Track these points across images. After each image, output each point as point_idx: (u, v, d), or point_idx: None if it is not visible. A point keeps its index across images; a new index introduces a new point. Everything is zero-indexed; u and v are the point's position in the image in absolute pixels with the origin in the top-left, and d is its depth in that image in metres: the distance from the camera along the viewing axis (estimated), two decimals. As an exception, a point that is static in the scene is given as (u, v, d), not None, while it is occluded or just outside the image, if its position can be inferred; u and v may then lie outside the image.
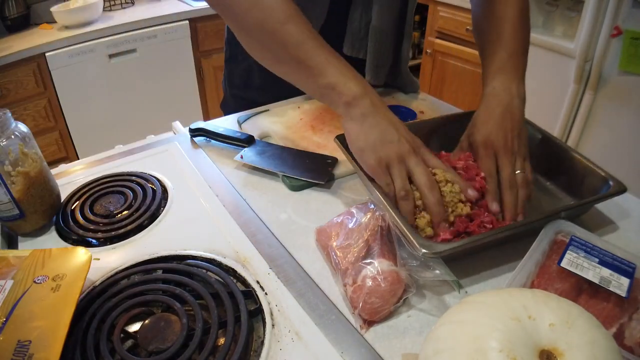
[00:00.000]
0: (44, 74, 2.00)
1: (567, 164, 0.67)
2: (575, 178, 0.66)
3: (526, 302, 0.37)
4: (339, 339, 0.48)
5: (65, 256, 0.51)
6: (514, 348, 0.33)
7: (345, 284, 0.52)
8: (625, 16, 1.46)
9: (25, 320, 0.44)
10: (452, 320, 0.38)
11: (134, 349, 0.47)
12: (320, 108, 0.88)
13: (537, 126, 0.73)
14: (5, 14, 2.08)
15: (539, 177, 0.70)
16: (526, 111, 0.67)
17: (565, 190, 0.68)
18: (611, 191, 0.59)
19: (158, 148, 0.81)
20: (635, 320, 0.46)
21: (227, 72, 1.03)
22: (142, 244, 0.61)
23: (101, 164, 0.78)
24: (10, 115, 0.59)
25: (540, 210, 0.64)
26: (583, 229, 0.55)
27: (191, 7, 2.28)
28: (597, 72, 1.58)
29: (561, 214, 0.57)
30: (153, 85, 2.30)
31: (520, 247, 0.55)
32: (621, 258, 0.50)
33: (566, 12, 1.69)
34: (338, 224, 0.57)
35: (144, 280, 0.53)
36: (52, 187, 0.65)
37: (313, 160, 0.74)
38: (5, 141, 0.57)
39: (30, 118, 2.03)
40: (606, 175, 0.61)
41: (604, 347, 0.34)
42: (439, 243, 0.51)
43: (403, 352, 0.47)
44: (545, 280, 0.50)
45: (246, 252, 0.58)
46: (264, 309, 0.50)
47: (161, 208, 0.67)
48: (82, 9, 2.07)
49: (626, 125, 1.58)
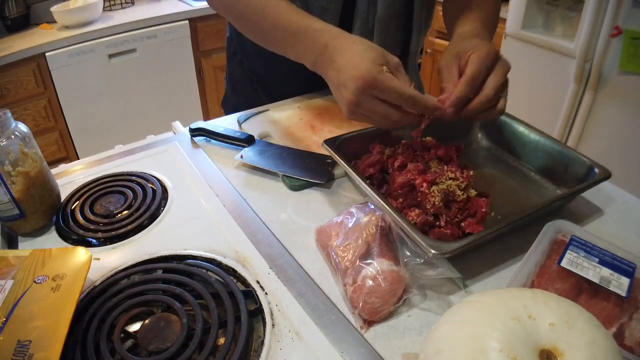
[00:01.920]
0: (44, 74, 2.00)
1: (549, 154, 0.69)
2: (559, 167, 0.68)
3: (526, 301, 0.37)
4: (339, 338, 0.48)
5: (65, 256, 0.51)
6: (514, 348, 0.33)
7: (345, 284, 0.52)
8: (625, 16, 1.46)
9: (26, 320, 0.44)
10: (452, 320, 0.38)
11: (134, 348, 0.47)
12: (320, 108, 0.88)
13: (517, 117, 0.75)
14: (5, 13, 2.09)
15: (523, 167, 0.73)
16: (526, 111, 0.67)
17: (550, 180, 0.69)
18: (598, 177, 0.61)
19: (158, 148, 0.81)
20: (635, 320, 0.46)
21: (229, 70, 1.03)
22: (142, 243, 0.61)
23: (101, 164, 0.78)
24: (10, 115, 0.59)
25: (529, 201, 0.66)
26: (583, 229, 0.55)
27: (191, 7, 2.28)
28: (597, 72, 1.58)
29: (556, 203, 0.59)
30: (153, 85, 2.30)
31: (520, 246, 0.55)
32: (621, 258, 0.50)
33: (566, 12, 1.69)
34: (338, 224, 0.57)
35: (144, 280, 0.53)
36: (52, 187, 0.65)
37: (313, 160, 0.74)
38: (5, 141, 0.57)
39: (30, 118, 2.03)
40: (590, 162, 0.63)
41: (604, 347, 0.34)
42: (447, 243, 0.51)
43: (403, 351, 0.47)
44: (545, 280, 0.50)
45: (246, 252, 0.58)
46: (264, 309, 0.50)
47: (161, 208, 0.67)
48: (82, 8, 2.07)
49: (626, 125, 1.58)
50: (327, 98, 0.92)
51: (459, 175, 0.61)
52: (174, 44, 2.28)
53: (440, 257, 0.50)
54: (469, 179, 0.61)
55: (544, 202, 0.58)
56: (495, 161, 0.76)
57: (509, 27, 1.82)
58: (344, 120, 0.84)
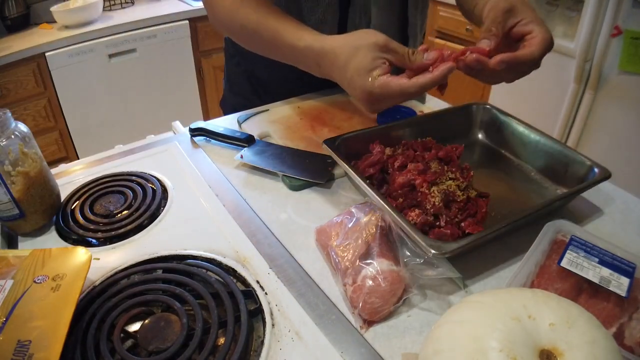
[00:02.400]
0: (44, 74, 2.00)
1: (550, 154, 0.69)
2: (559, 167, 0.68)
3: (526, 301, 0.37)
4: (339, 338, 0.48)
5: (65, 256, 0.51)
6: (514, 348, 0.33)
7: (345, 283, 0.52)
8: (625, 16, 1.46)
9: (25, 320, 0.44)
10: (452, 320, 0.38)
11: (134, 348, 0.47)
12: (320, 108, 0.88)
13: (517, 117, 0.75)
14: (5, 13, 2.08)
15: (523, 167, 0.73)
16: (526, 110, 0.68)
17: (550, 180, 0.69)
18: (598, 177, 0.61)
19: (158, 148, 0.81)
20: (635, 320, 0.46)
21: (227, 71, 1.03)
22: (142, 243, 0.61)
23: (101, 163, 0.78)
24: (10, 115, 0.59)
25: (529, 201, 0.67)
26: (583, 229, 0.55)
27: (191, 7, 2.28)
28: (597, 71, 1.58)
29: (556, 203, 0.60)
30: (153, 85, 2.30)
31: (520, 246, 0.55)
32: (621, 258, 0.50)
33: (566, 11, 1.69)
34: (338, 224, 0.57)
35: (144, 280, 0.53)
36: (52, 187, 0.65)
37: (313, 160, 0.73)
38: (5, 141, 0.57)
39: (30, 118, 2.03)
40: (590, 162, 0.63)
41: (604, 346, 0.34)
42: (447, 243, 0.51)
43: (403, 351, 0.47)
44: (545, 280, 0.50)
45: (246, 252, 0.58)
46: (264, 309, 0.50)
47: (161, 208, 0.67)
48: (82, 8, 2.07)
49: (626, 124, 1.58)
50: (327, 98, 0.92)
51: (459, 175, 0.61)
52: (174, 44, 2.28)
53: (440, 257, 0.50)
54: (470, 179, 0.61)
55: (544, 202, 0.58)
56: (495, 161, 0.76)
57: (509, 27, 1.82)
58: (344, 120, 0.84)
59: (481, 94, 2.17)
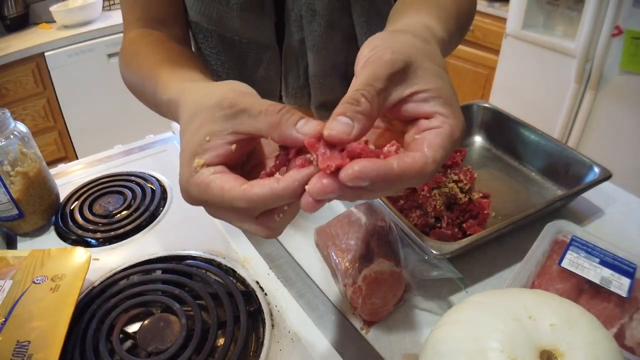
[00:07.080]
0: (43, 74, 1.99)
1: (550, 154, 0.69)
2: (560, 167, 0.68)
3: (527, 302, 0.37)
4: (338, 339, 0.48)
5: (64, 256, 0.51)
6: (515, 348, 0.33)
7: (345, 284, 0.51)
8: (625, 16, 1.46)
9: (25, 320, 0.44)
10: (452, 320, 0.38)
11: (133, 349, 0.47)
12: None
13: (517, 118, 0.75)
14: (5, 13, 2.08)
15: (523, 167, 0.73)
16: (527, 110, 0.67)
17: (550, 180, 0.69)
18: (598, 177, 0.61)
19: (157, 148, 0.81)
20: (636, 320, 0.45)
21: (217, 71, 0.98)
22: (141, 244, 0.61)
23: (100, 163, 0.78)
24: (9, 115, 0.59)
25: (530, 202, 0.66)
26: (583, 229, 0.55)
27: (191, 6, 2.27)
28: (598, 71, 1.57)
29: (556, 203, 0.59)
30: (153, 84, 2.30)
31: (520, 247, 0.55)
32: (622, 258, 0.50)
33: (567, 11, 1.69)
34: (338, 224, 0.57)
35: (143, 281, 0.53)
36: (51, 187, 0.65)
37: (313, 160, 0.73)
38: (4, 141, 0.57)
39: (29, 118, 2.03)
40: (590, 163, 0.63)
41: (605, 347, 0.34)
42: (447, 243, 0.51)
43: (403, 352, 0.46)
44: (546, 280, 0.50)
45: (246, 252, 0.58)
46: (264, 310, 0.50)
47: (160, 208, 0.67)
48: (81, 8, 2.07)
49: (627, 125, 1.58)
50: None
51: (462, 177, 0.60)
52: (174, 44, 2.27)
53: (441, 257, 0.50)
54: (473, 182, 0.61)
55: (545, 203, 0.58)
56: (495, 161, 0.75)
57: (510, 27, 1.82)
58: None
59: (481, 94, 2.17)
